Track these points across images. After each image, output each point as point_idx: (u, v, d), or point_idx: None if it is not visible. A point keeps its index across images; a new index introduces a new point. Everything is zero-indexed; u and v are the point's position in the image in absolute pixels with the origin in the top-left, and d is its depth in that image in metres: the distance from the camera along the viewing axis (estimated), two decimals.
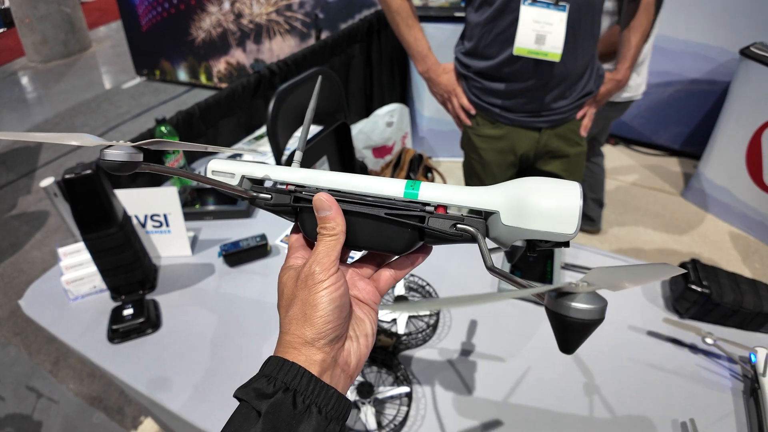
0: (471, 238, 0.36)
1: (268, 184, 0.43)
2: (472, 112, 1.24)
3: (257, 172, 0.42)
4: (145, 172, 0.34)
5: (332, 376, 0.36)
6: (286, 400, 0.32)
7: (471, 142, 1.29)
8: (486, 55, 1.14)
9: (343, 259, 0.41)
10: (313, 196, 0.38)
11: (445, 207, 0.37)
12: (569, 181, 0.33)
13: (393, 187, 0.38)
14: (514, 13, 1.04)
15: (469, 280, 0.98)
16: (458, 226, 0.36)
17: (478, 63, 1.16)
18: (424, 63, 1.24)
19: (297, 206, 0.40)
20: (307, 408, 0.32)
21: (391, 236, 0.38)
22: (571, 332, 0.28)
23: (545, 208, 0.32)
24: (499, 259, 1.00)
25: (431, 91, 1.31)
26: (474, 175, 1.37)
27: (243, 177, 0.42)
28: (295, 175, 0.41)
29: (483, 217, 0.37)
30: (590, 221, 2.24)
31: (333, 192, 0.39)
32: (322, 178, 0.40)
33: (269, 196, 0.41)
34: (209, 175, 0.42)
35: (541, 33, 1.03)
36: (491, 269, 0.34)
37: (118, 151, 0.31)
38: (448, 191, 0.36)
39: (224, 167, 0.42)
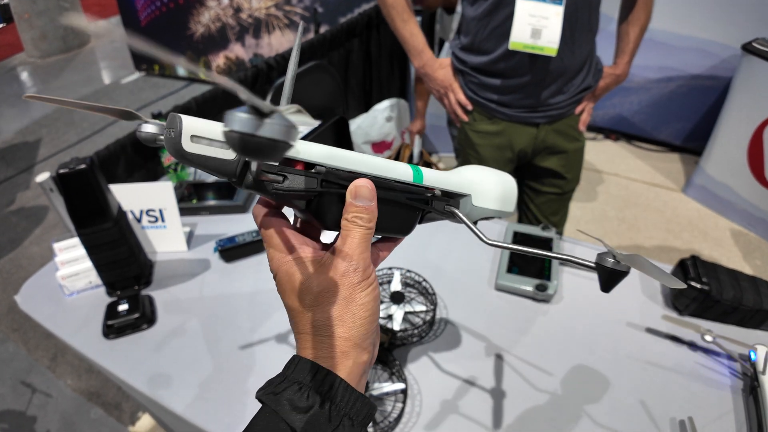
0: (451, 215, 0.41)
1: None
2: (469, 107, 1.23)
3: None
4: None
5: (363, 378, 0.34)
6: (322, 415, 0.30)
7: (468, 138, 1.28)
8: (482, 50, 1.13)
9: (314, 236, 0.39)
10: (343, 180, 0.34)
11: (434, 190, 0.40)
12: (505, 173, 0.44)
13: (405, 171, 0.37)
14: (509, 7, 1.03)
15: (466, 275, 0.97)
16: (445, 207, 0.41)
17: (475, 58, 1.15)
18: (420, 58, 1.23)
19: (323, 192, 0.34)
20: (341, 421, 0.30)
21: (405, 219, 0.39)
22: (612, 278, 0.34)
23: (501, 193, 0.42)
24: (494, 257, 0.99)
25: (428, 86, 1.30)
26: None
27: None
28: (314, 150, 0.33)
29: (459, 198, 0.42)
30: None
31: (359, 175, 0.35)
32: (344, 157, 0.34)
33: (280, 178, 0.32)
34: (186, 143, 0.30)
35: (537, 27, 1.02)
36: (491, 244, 0.37)
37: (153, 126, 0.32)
38: (441, 176, 0.40)
39: (215, 133, 0.30)
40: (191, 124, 0.30)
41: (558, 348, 0.83)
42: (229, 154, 0.31)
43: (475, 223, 0.41)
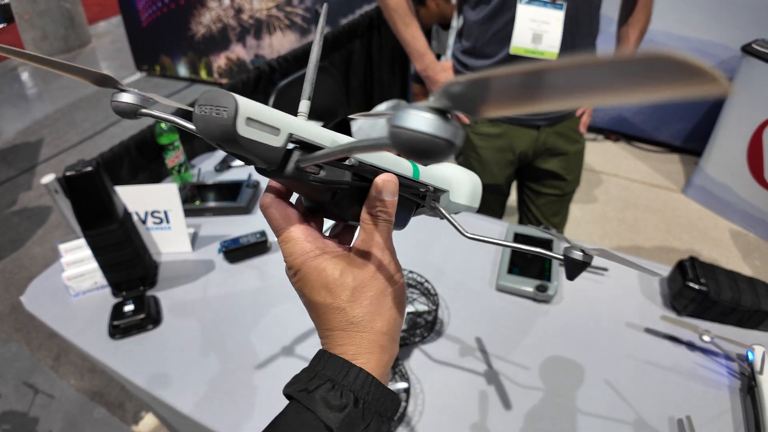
0: (432, 209, 0.41)
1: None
2: None
3: (311, 132, 0.31)
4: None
5: (389, 371, 0.34)
6: (357, 414, 0.30)
7: (469, 141, 1.29)
8: (484, 54, 1.14)
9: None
10: (368, 174, 0.33)
11: (428, 186, 0.42)
12: (471, 171, 0.46)
13: (408, 167, 0.38)
14: (510, 12, 1.04)
15: (467, 276, 0.99)
16: (431, 202, 0.42)
17: (476, 62, 1.16)
18: (422, 61, 1.24)
19: (351, 185, 0.32)
20: (372, 417, 0.31)
21: (403, 214, 0.40)
22: (576, 268, 0.37)
23: (471, 189, 0.45)
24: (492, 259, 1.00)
25: (429, 89, 1.31)
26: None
27: (290, 136, 0.30)
28: (344, 142, 0.31)
29: (441, 193, 0.42)
30: None
31: (381, 170, 0.34)
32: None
33: (317, 168, 0.31)
34: (241, 127, 0.27)
35: (537, 32, 1.03)
36: (471, 237, 0.38)
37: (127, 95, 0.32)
38: (429, 173, 0.40)
39: (268, 117, 0.28)
40: (248, 105, 0.27)
41: (558, 348, 0.84)
42: (276, 141, 0.29)
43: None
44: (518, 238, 1.02)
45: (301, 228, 0.34)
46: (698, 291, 0.84)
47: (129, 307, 0.91)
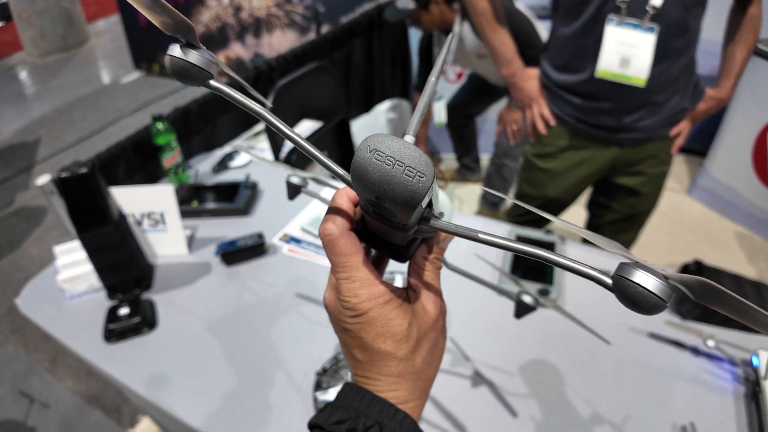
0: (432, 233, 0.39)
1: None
2: (552, 123, 1.20)
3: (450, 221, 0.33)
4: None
5: None
6: None
7: (544, 153, 1.25)
8: (569, 68, 1.10)
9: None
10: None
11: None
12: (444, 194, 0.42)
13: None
14: (599, 30, 0.99)
15: (468, 279, 0.97)
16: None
17: (561, 76, 1.13)
18: (509, 67, 1.21)
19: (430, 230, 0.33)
20: None
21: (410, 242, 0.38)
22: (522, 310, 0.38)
23: (450, 209, 0.40)
24: (491, 264, 0.98)
25: (513, 95, 1.28)
26: (537, 185, 1.32)
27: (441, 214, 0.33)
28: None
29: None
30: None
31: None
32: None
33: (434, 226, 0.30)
34: (426, 200, 0.26)
35: (625, 56, 0.98)
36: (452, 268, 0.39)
37: (192, 53, 0.26)
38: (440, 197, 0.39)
39: (436, 199, 0.30)
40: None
41: (560, 352, 0.83)
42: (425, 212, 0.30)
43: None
44: (521, 240, 1.01)
45: (369, 267, 0.32)
46: None
47: (124, 311, 0.89)
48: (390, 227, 0.30)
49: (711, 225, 2.28)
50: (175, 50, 0.27)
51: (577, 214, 1.56)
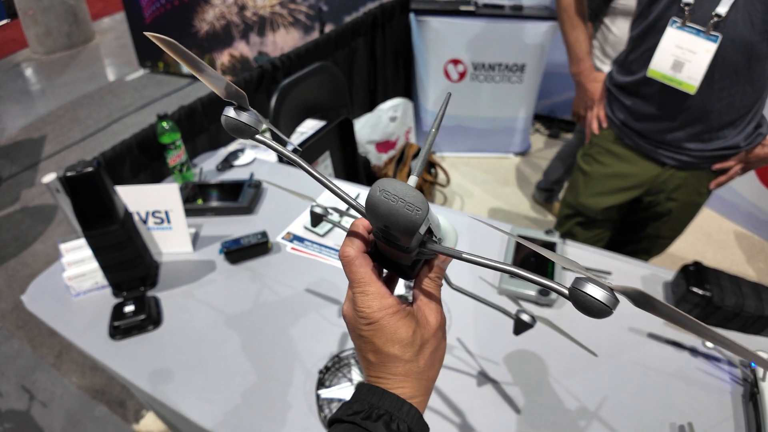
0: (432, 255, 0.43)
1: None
2: (604, 124, 1.21)
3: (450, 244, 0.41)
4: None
5: None
6: None
7: (588, 153, 1.26)
8: (629, 69, 1.11)
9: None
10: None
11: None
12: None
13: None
14: (661, 33, 0.99)
15: (469, 280, 0.98)
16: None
17: (620, 76, 1.13)
18: (578, 65, 1.23)
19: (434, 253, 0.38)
20: None
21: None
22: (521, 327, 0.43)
23: (454, 235, 0.44)
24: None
25: (577, 94, 1.29)
26: (573, 189, 1.33)
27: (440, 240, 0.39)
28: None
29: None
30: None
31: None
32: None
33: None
34: (423, 228, 0.33)
35: (680, 60, 0.97)
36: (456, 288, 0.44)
37: (243, 113, 0.33)
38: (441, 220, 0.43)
39: (437, 227, 0.37)
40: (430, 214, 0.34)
41: (560, 352, 0.83)
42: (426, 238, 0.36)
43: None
44: (522, 238, 1.02)
45: (380, 284, 0.39)
46: (702, 296, 0.83)
47: (129, 308, 0.90)
48: (397, 250, 0.36)
49: (710, 225, 2.28)
50: (230, 111, 0.35)
51: None
